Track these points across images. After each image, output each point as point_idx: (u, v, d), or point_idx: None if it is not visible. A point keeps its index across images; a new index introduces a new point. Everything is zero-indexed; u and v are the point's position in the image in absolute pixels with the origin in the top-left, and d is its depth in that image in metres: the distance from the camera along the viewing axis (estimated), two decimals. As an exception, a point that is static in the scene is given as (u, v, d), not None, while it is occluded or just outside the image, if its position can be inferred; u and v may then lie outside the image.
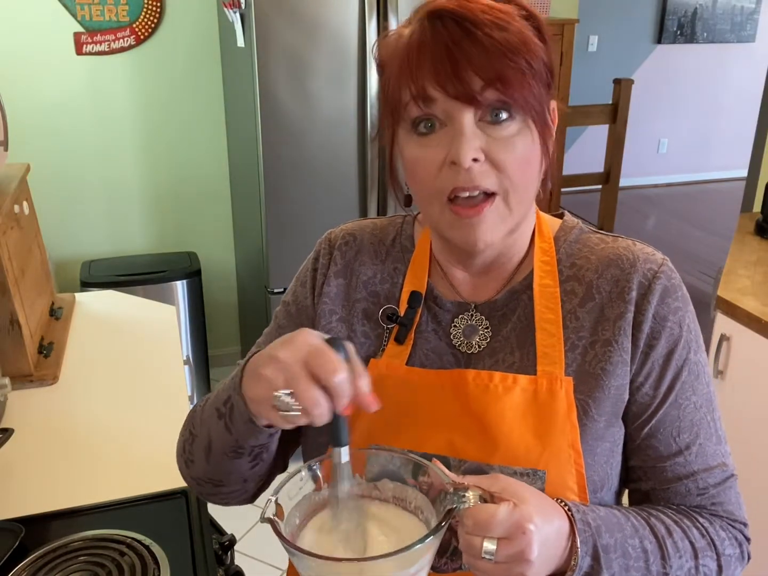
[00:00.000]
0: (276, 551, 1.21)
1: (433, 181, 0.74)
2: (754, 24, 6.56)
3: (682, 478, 0.81)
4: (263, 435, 0.75)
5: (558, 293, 0.81)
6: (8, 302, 1.52)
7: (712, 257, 4.94)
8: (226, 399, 0.77)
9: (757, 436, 1.94)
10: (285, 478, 0.69)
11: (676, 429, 0.80)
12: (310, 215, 2.69)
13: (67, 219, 3.10)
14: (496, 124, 0.72)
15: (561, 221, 0.88)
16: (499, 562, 0.64)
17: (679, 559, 0.76)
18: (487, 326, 0.83)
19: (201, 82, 3.11)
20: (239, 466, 0.81)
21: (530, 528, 0.64)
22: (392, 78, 0.75)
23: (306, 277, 0.92)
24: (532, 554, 0.64)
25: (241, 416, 0.74)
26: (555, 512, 0.69)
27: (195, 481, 0.88)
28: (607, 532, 0.72)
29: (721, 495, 0.81)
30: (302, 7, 2.48)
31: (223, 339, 3.51)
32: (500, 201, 0.74)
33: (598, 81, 5.51)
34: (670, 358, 0.79)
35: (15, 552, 1.05)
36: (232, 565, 1.22)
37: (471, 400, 0.79)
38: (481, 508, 0.64)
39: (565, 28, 3.27)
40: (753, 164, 2.85)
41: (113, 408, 1.53)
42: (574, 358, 0.79)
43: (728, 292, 2.03)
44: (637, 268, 0.80)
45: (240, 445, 0.77)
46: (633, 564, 0.74)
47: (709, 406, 0.82)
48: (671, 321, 0.79)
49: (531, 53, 0.71)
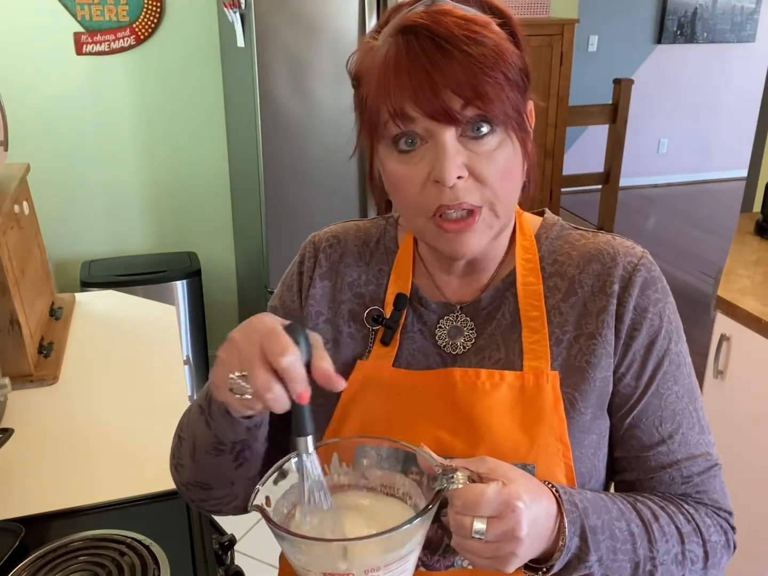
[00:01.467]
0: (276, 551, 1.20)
1: (416, 198, 0.74)
2: (754, 24, 6.56)
3: (665, 467, 0.81)
4: (240, 428, 0.74)
5: (541, 290, 0.82)
6: (8, 302, 1.52)
7: (712, 257, 4.93)
8: (205, 393, 0.77)
9: (757, 436, 1.94)
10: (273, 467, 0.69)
11: (658, 418, 0.81)
12: (310, 215, 2.69)
13: (67, 219, 3.10)
14: (478, 138, 0.72)
15: (542, 219, 0.89)
16: (489, 541, 0.64)
17: (665, 544, 0.76)
18: (472, 327, 0.84)
19: (201, 82, 3.11)
20: (223, 466, 0.80)
21: (519, 505, 0.64)
22: (369, 96, 0.74)
23: (292, 281, 0.92)
24: (521, 531, 0.64)
25: (218, 408, 0.74)
26: (543, 492, 0.69)
27: (185, 486, 0.87)
28: (594, 513, 0.73)
29: (705, 483, 0.82)
30: (302, 7, 2.48)
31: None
32: (487, 211, 0.75)
33: (598, 81, 5.51)
34: (651, 349, 0.80)
35: (15, 552, 1.05)
36: (232, 565, 1.22)
37: (458, 397, 0.79)
38: (469, 488, 0.65)
39: (565, 28, 3.27)
40: (753, 164, 2.85)
41: (113, 408, 1.53)
42: (560, 352, 0.81)
43: (728, 292, 2.03)
44: (617, 262, 0.81)
45: (220, 440, 0.77)
46: (620, 547, 0.74)
47: (691, 396, 0.83)
48: (651, 312, 0.80)
49: (507, 65, 0.71)
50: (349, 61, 0.79)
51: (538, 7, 3.39)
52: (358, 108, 0.78)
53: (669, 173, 6.86)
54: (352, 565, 0.61)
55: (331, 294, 0.89)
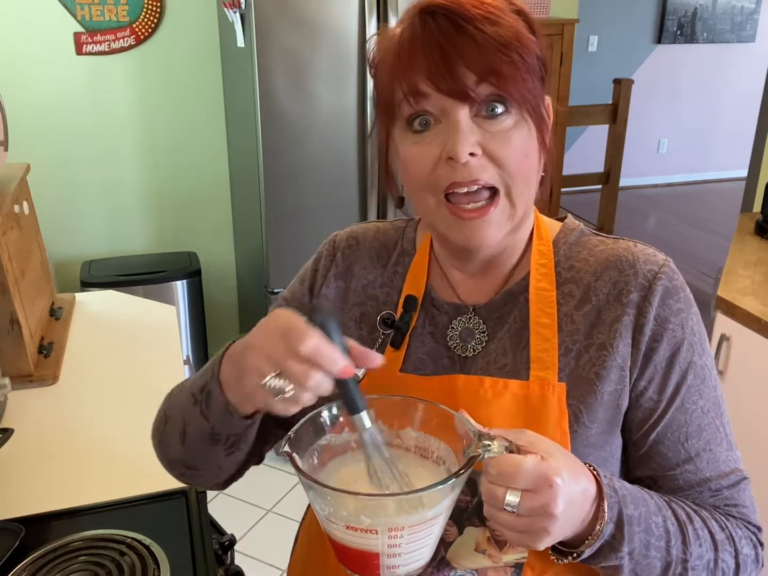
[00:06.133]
0: (276, 551, 1.20)
1: (428, 177, 0.73)
2: (754, 24, 6.56)
3: (694, 485, 0.78)
4: (241, 424, 0.74)
5: (554, 297, 0.80)
6: (8, 302, 1.52)
7: (712, 257, 4.94)
8: (203, 386, 0.76)
9: (758, 436, 1.94)
10: (306, 417, 0.68)
11: (684, 434, 0.77)
12: (310, 215, 2.69)
13: (67, 219, 3.10)
14: (492, 118, 0.71)
15: (562, 224, 0.87)
16: (521, 515, 0.62)
17: (699, 548, 0.73)
18: (484, 330, 0.83)
19: (201, 82, 3.11)
20: (215, 453, 0.80)
21: (557, 481, 0.61)
22: (385, 77, 0.74)
23: (306, 276, 0.92)
24: (557, 509, 0.61)
25: (217, 405, 0.73)
26: (582, 472, 0.66)
27: (167, 461, 0.87)
28: (632, 503, 0.70)
29: (735, 497, 0.79)
30: (302, 7, 2.48)
31: (223, 339, 3.49)
32: (504, 199, 0.74)
33: (598, 81, 5.51)
34: (673, 361, 0.77)
35: (15, 552, 1.05)
36: (232, 565, 1.22)
37: (460, 405, 0.77)
38: (507, 458, 0.62)
39: (565, 28, 3.27)
40: (753, 164, 2.85)
41: (113, 408, 1.52)
42: (567, 362, 0.78)
43: (728, 292, 2.03)
44: (636, 270, 0.78)
45: (217, 432, 0.77)
46: (654, 542, 0.71)
47: (717, 411, 0.80)
48: (673, 323, 0.77)
49: (524, 47, 0.71)
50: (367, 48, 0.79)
51: (538, 7, 3.39)
52: (376, 91, 0.78)
53: (669, 173, 6.86)
54: (376, 522, 0.60)
55: (343, 295, 0.89)
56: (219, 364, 0.73)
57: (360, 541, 0.62)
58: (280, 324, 0.65)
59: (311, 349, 0.61)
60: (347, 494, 0.61)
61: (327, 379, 0.63)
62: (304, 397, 0.63)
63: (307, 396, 0.63)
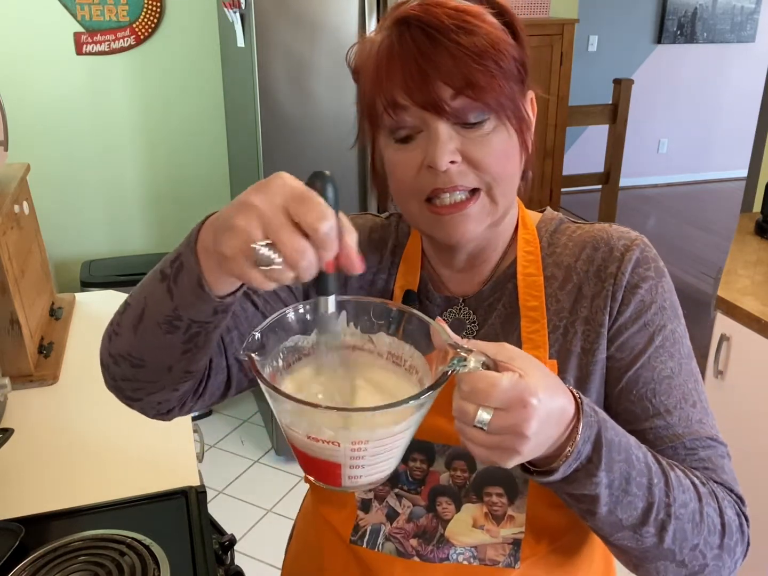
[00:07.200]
0: (276, 551, 1.20)
1: (412, 182, 0.75)
2: (754, 24, 6.56)
3: (666, 441, 0.76)
4: (208, 307, 0.66)
5: (542, 282, 0.83)
6: (8, 302, 1.52)
7: (712, 257, 4.94)
8: (175, 257, 0.68)
9: (757, 436, 1.94)
10: (272, 317, 0.63)
11: (651, 390, 0.77)
12: (310, 215, 2.69)
13: (67, 219, 3.10)
14: (471, 126, 0.73)
15: (541, 215, 0.90)
16: (492, 432, 0.59)
17: (683, 494, 0.69)
18: (474, 320, 0.85)
19: (201, 82, 3.11)
20: (169, 344, 0.71)
21: (532, 402, 0.58)
22: (366, 88, 0.76)
23: None
24: (529, 429, 0.58)
25: (189, 277, 0.65)
26: (561, 391, 0.63)
27: (113, 358, 0.79)
28: (612, 429, 0.67)
29: (713, 461, 0.76)
30: (302, 7, 2.48)
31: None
32: (484, 196, 0.76)
33: (598, 81, 5.51)
34: (639, 322, 0.78)
35: (15, 552, 1.05)
36: (232, 565, 1.22)
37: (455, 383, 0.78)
38: (481, 375, 0.58)
39: (565, 28, 3.27)
40: (753, 164, 2.84)
41: (113, 408, 1.52)
42: (556, 338, 0.80)
43: (728, 292, 2.03)
44: (611, 246, 0.81)
45: (178, 315, 0.68)
46: (635, 477, 0.67)
47: (690, 376, 0.79)
48: (643, 289, 0.79)
49: (500, 54, 0.71)
50: (348, 55, 0.80)
51: (538, 7, 3.39)
52: (358, 99, 0.79)
53: (669, 173, 6.86)
54: (337, 434, 0.57)
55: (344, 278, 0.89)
56: (197, 232, 0.66)
57: (321, 451, 0.58)
58: (286, 188, 0.56)
59: (326, 230, 0.54)
60: (306, 405, 0.55)
61: (316, 265, 0.56)
62: (287, 275, 0.56)
63: (290, 275, 0.56)
